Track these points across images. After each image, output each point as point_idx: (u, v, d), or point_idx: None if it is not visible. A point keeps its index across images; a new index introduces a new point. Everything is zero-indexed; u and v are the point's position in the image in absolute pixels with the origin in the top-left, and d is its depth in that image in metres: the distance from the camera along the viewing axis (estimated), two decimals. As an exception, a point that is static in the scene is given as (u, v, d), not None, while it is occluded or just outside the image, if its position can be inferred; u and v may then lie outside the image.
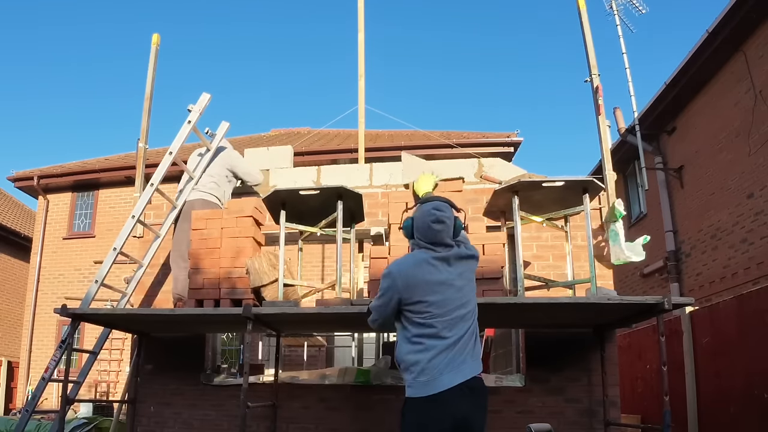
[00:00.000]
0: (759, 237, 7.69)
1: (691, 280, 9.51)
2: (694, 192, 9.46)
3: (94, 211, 13.06)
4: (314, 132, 14.05)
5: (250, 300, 3.99)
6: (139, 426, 4.66)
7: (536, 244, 4.53)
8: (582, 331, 4.24)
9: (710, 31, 8.05)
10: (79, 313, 3.93)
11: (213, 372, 4.81)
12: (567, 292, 4.07)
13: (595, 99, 4.57)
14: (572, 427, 4.13)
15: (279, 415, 4.43)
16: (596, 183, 3.64)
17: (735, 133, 8.30)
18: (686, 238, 9.72)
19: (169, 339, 4.77)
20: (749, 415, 5.15)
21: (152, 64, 5.13)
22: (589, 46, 4.70)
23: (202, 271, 4.11)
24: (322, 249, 10.30)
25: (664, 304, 3.32)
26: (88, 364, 4.39)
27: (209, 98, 4.72)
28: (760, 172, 7.71)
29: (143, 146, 5.08)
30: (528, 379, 4.27)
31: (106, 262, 4.31)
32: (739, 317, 5.47)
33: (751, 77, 7.84)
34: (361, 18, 6.01)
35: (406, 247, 3.80)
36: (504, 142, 11.67)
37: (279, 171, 5.17)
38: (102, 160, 14.20)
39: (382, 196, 4.83)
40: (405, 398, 2.55)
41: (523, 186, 3.67)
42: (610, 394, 4.11)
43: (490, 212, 4.10)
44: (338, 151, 11.73)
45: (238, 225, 4.15)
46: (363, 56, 5.92)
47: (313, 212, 4.03)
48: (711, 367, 5.91)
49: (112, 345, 11.12)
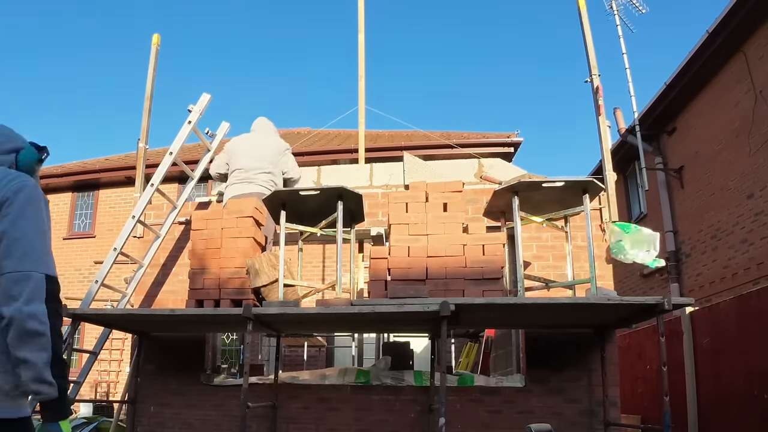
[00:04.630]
0: (759, 237, 7.69)
1: (691, 281, 9.51)
2: (694, 192, 9.46)
3: (94, 211, 13.06)
4: (314, 132, 14.04)
5: (250, 300, 3.99)
6: (139, 426, 4.66)
7: (536, 245, 4.53)
8: (582, 332, 4.24)
9: (710, 31, 8.05)
10: (79, 313, 3.93)
11: (213, 372, 4.81)
12: (567, 292, 4.08)
13: (595, 99, 4.58)
14: (572, 428, 4.13)
15: (279, 415, 4.43)
16: (596, 183, 3.64)
17: (735, 133, 8.30)
18: (686, 238, 9.72)
19: (169, 339, 4.77)
20: (749, 415, 5.15)
21: (152, 64, 5.13)
22: (589, 46, 4.71)
23: (203, 272, 4.11)
24: (323, 249, 10.29)
25: (664, 304, 3.33)
26: (88, 365, 4.39)
27: (209, 98, 4.73)
28: (760, 172, 7.71)
29: (143, 146, 5.08)
30: (528, 379, 4.27)
31: (106, 262, 4.31)
32: (739, 318, 5.47)
33: (751, 77, 7.84)
34: (361, 18, 6.02)
35: (407, 248, 3.81)
36: (504, 142, 11.66)
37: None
38: (102, 160, 14.21)
39: (382, 197, 4.83)
40: None
41: (523, 186, 3.67)
42: (611, 394, 4.11)
43: (490, 212, 4.10)
44: (338, 152, 11.73)
45: (238, 225, 4.15)
46: (363, 56, 5.94)
47: (314, 213, 4.04)
48: (711, 367, 5.91)
49: (112, 345, 11.12)
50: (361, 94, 5.94)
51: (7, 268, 1.46)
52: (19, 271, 1.45)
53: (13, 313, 1.42)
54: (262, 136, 4.83)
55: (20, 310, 1.42)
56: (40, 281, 1.48)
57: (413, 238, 3.83)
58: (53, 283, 1.53)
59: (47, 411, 1.46)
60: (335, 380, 4.61)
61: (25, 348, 1.41)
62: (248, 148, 4.70)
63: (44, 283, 1.49)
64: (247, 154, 4.66)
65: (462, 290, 3.68)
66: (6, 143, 1.68)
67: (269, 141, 4.79)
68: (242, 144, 4.75)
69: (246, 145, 4.73)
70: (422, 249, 3.79)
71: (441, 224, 3.83)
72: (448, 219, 3.85)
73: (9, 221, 1.49)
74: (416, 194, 3.96)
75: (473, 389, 4.32)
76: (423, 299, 3.54)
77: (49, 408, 1.45)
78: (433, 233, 3.82)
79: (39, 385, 1.42)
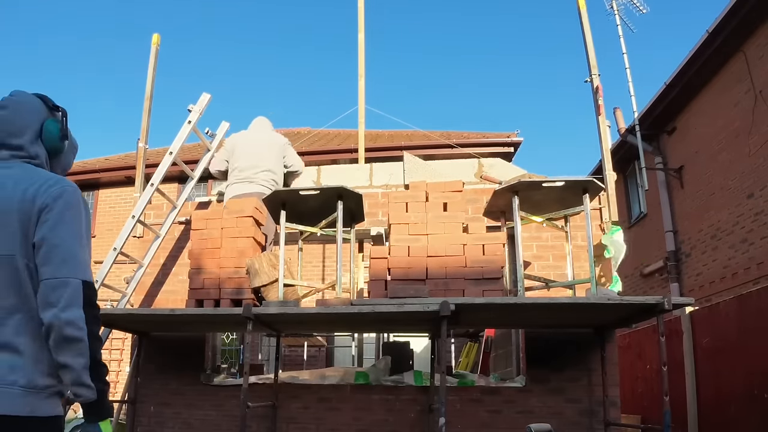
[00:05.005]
0: (759, 237, 7.69)
1: (691, 280, 9.51)
2: (694, 192, 9.46)
3: (94, 211, 13.04)
4: (314, 132, 14.03)
5: (250, 300, 3.99)
6: (139, 426, 4.65)
7: (536, 244, 4.53)
8: (582, 331, 4.24)
9: (710, 31, 8.05)
10: (79, 313, 3.92)
11: (213, 372, 4.81)
12: (567, 292, 4.07)
13: (595, 99, 4.58)
14: (572, 428, 4.13)
15: (279, 415, 4.43)
16: (596, 183, 3.64)
17: (735, 133, 8.30)
18: (686, 238, 9.72)
19: (169, 339, 4.77)
20: (749, 415, 5.15)
21: (152, 64, 5.13)
22: (589, 46, 4.71)
23: (202, 271, 4.11)
24: (323, 249, 10.29)
25: (664, 304, 3.33)
26: (88, 364, 4.38)
27: (209, 98, 4.73)
28: (760, 172, 7.71)
29: (143, 146, 5.08)
30: (528, 379, 4.27)
31: (106, 262, 4.31)
32: (739, 317, 5.47)
33: (751, 77, 7.84)
34: (361, 18, 6.02)
35: (407, 248, 3.81)
36: (504, 142, 11.65)
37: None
38: (102, 160, 14.20)
39: (382, 196, 4.83)
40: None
41: (523, 186, 3.67)
42: (611, 394, 4.11)
43: (490, 212, 4.10)
44: (338, 151, 11.72)
45: (238, 225, 4.15)
46: (363, 56, 5.94)
47: (314, 212, 4.03)
48: (711, 367, 5.91)
49: (112, 345, 11.11)
50: (361, 93, 5.95)
51: (45, 274, 1.48)
52: (57, 278, 1.48)
53: (51, 320, 1.45)
54: (262, 134, 4.82)
55: (58, 316, 1.44)
56: (78, 287, 1.50)
57: (413, 237, 3.83)
58: (90, 289, 1.55)
59: (87, 412, 1.52)
60: (335, 380, 4.61)
61: (64, 353, 1.45)
62: (248, 147, 4.69)
63: (81, 289, 1.51)
64: (247, 153, 4.65)
65: (462, 290, 3.68)
66: (22, 130, 1.63)
67: (269, 138, 4.78)
68: (242, 142, 4.74)
69: (246, 143, 4.72)
70: (422, 249, 3.79)
71: (441, 224, 3.83)
72: (448, 219, 3.85)
73: (48, 227, 1.51)
74: (416, 194, 3.96)
75: (473, 389, 4.32)
76: (423, 299, 3.54)
77: (89, 409, 1.52)
78: (433, 233, 3.82)
79: (78, 389, 1.47)
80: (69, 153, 1.79)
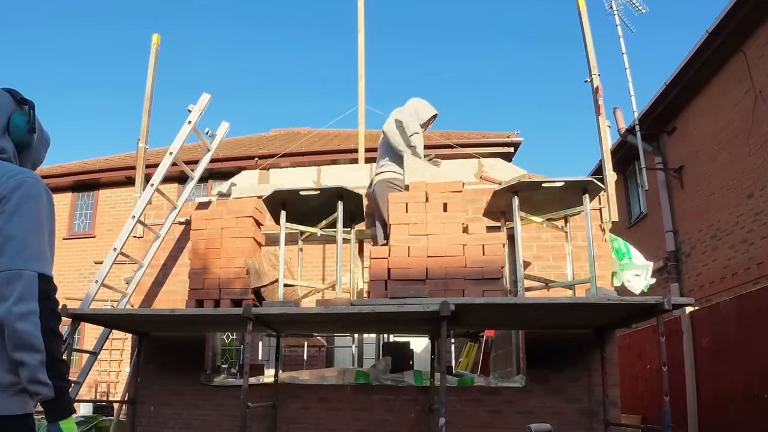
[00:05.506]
0: (759, 237, 7.69)
1: (691, 281, 9.51)
2: (694, 192, 9.46)
3: (94, 211, 13.06)
4: (314, 132, 14.03)
5: (250, 300, 4.00)
6: (139, 426, 4.66)
7: (536, 245, 4.53)
8: (582, 332, 4.25)
9: (710, 31, 8.05)
10: (79, 313, 3.94)
11: (213, 372, 4.82)
12: (567, 292, 4.08)
13: (595, 99, 4.58)
14: (572, 428, 4.13)
15: (279, 415, 4.43)
16: (596, 183, 3.64)
17: (735, 133, 8.30)
18: (686, 238, 9.72)
19: (169, 339, 4.77)
20: (749, 415, 5.15)
21: (152, 64, 5.13)
22: (589, 46, 4.71)
23: (202, 272, 4.12)
24: (323, 249, 10.29)
25: (664, 304, 3.33)
26: (88, 365, 4.39)
27: (209, 98, 4.73)
28: (760, 172, 7.71)
29: (143, 146, 5.08)
30: (528, 379, 4.27)
31: (106, 263, 4.31)
32: (740, 317, 5.47)
33: (751, 77, 7.84)
34: (361, 18, 6.02)
35: (407, 248, 3.82)
36: (504, 142, 11.66)
37: (279, 171, 5.18)
38: (102, 160, 14.20)
39: (382, 197, 4.83)
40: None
41: (523, 186, 3.68)
42: (611, 394, 4.11)
43: (490, 212, 4.10)
44: (338, 152, 11.72)
45: (238, 225, 4.16)
46: (363, 56, 5.94)
47: (314, 212, 4.04)
48: (711, 367, 5.91)
49: (112, 345, 11.11)
50: (361, 94, 5.94)
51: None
52: (11, 270, 1.41)
53: (4, 314, 1.38)
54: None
55: (11, 310, 1.38)
56: (33, 280, 1.42)
57: (413, 238, 3.83)
58: (47, 282, 1.47)
59: (47, 411, 1.45)
60: (335, 380, 4.61)
61: (19, 349, 1.39)
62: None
63: (36, 282, 1.43)
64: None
65: (462, 290, 3.68)
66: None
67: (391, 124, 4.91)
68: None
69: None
70: (422, 249, 3.79)
71: (441, 224, 3.83)
72: (448, 219, 3.85)
73: (4, 219, 1.44)
74: (416, 194, 3.96)
75: (473, 389, 4.32)
76: (423, 299, 3.55)
77: (48, 408, 1.44)
78: (433, 233, 3.82)
79: (35, 386, 1.40)
80: (39, 146, 1.74)
